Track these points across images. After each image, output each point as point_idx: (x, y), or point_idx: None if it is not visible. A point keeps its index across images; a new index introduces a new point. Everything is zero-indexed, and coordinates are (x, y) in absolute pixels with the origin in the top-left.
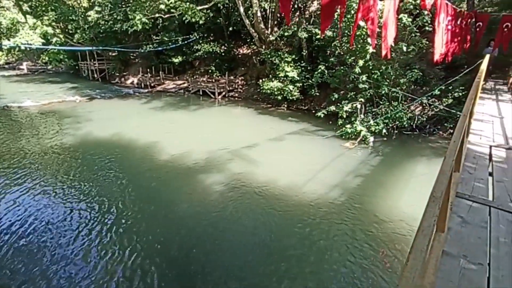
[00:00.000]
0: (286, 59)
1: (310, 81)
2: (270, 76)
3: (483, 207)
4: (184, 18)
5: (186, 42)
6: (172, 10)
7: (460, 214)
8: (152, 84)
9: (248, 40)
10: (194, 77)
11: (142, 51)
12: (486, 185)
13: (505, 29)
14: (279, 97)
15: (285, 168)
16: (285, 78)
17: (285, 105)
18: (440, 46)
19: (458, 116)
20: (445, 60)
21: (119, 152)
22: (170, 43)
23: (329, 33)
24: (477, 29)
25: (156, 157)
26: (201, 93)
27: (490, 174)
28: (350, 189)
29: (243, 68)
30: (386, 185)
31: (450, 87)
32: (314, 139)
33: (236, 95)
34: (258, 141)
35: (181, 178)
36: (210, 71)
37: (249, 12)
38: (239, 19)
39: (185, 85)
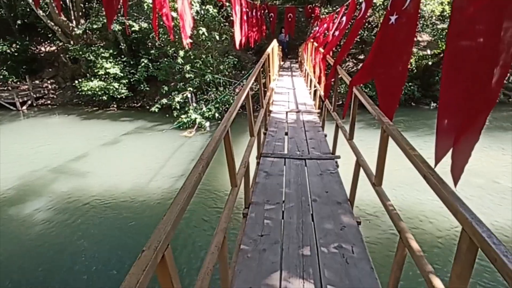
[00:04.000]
0: (103, 54)
1: (135, 76)
2: (88, 75)
3: (281, 159)
4: None
5: None
6: None
7: (265, 170)
8: None
9: (50, 35)
10: None
11: None
12: (283, 142)
13: (289, 19)
14: (105, 97)
15: (125, 172)
16: (107, 76)
17: (115, 105)
18: (240, 34)
19: None
20: (249, 45)
21: None
22: None
23: (144, 24)
24: (271, 19)
25: None
26: None
27: (286, 133)
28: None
29: (50, 69)
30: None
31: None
32: (152, 135)
33: (49, 102)
34: (88, 150)
35: None
36: (1, 76)
37: (42, 1)
38: (28, 9)
39: None
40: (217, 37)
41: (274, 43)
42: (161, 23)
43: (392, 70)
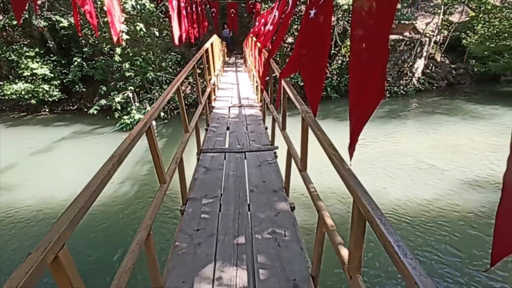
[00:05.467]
0: (27, 53)
1: (69, 76)
2: (11, 77)
3: (221, 154)
4: None
5: None
6: None
7: (205, 165)
8: None
9: None
10: None
11: None
12: (224, 137)
13: (232, 14)
14: (34, 101)
15: (62, 181)
16: (34, 77)
17: (47, 109)
18: (179, 30)
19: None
20: (191, 42)
21: None
22: None
23: (65, 22)
24: (213, 14)
25: None
26: None
27: (228, 128)
28: (140, 177)
29: None
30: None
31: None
32: (92, 139)
33: None
34: (17, 160)
35: None
36: None
37: None
38: None
39: None
40: (157, 33)
41: (214, 38)
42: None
43: (314, 62)
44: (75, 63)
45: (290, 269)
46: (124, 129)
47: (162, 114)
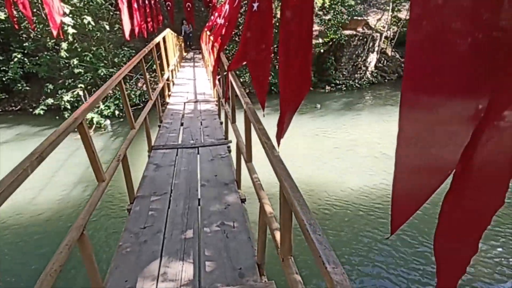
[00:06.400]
0: None
1: (8, 74)
2: None
3: (173, 150)
4: None
5: None
6: None
7: (155, 162)
8: None
9: None
10: None
11: None
12: (177, 133)
13: (188, 8)
14: None
15: None
16: None
17: None
18: (129, 24)
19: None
20: (144, 36)
21: None
22: None
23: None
24: (168, 8)
25: None
26: None
27: (182, 124)
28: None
29: None
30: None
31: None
32: (39, 142)
33: None
34: None
35: None
36: None
37: None
38: None
39: None
40: (107, 27)
41: (167, 32)
42: (35, 10)
43: (259, 55)
44: (15, 59)
45: (237, 259)
46: (76, 129)
47: (117, 112)
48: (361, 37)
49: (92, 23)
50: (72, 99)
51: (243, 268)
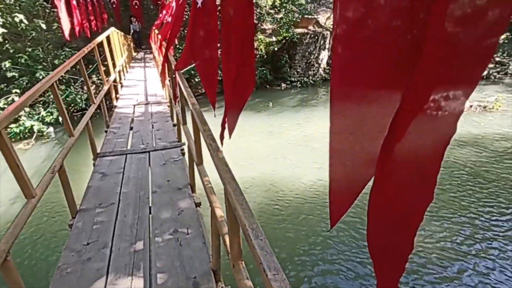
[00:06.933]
0: None
1: None
2: None
3: (121, 156)
4: None
5: None
6: None
7: (101, 171)
8: None
9: None
10: None
11: None
12: (126, 138)
13: (136, 6)
14: None
15: None
16: None
17: None
18: (69, 23)
19: None
20: (87, 36)
21: None
22: None
23: None
24: (113, 5)
25: None
26: None
27: (131, 128)
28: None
29: None
30: (73, 169)
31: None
32: None
33: None
34: None
35: None
36: None
37: None
38: None
39: None
40: (44, 26)
41: (111, 31)
42: None
43: (205, 54)
44: None
45: (191, 267)
46: (13, 139)
47: (61, 118)
48: (312, 35)
49: (25, 21)
50: (6, 105)
51: (197, 277)
